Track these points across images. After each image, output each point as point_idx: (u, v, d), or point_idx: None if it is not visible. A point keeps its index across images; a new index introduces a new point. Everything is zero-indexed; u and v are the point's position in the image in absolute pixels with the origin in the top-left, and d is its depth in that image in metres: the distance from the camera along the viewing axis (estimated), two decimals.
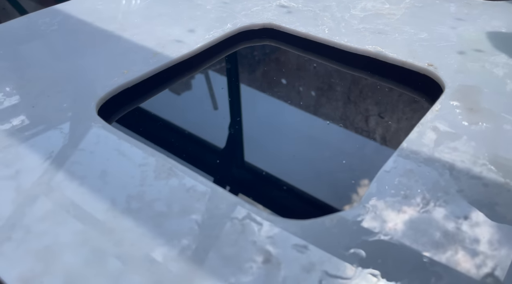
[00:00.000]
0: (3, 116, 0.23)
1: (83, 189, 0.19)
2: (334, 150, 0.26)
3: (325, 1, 0.36)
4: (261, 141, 0.27)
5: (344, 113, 0.28)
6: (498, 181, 0.19)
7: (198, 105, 0.30)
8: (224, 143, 0.26)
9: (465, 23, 0.32)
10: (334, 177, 0.23)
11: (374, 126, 0.26)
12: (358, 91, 0.30)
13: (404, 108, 0.27)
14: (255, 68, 0.34)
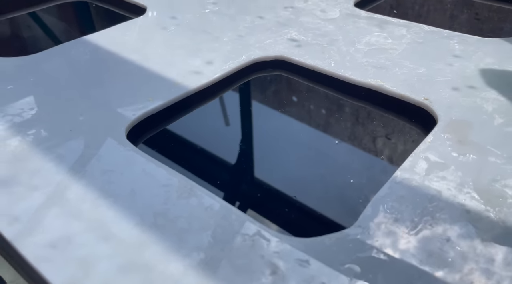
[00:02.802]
0: (43, 137, 0.27)
1: (116, 206, 0.22)
2: (333, 175, 0.28)
3: (332, 35, 0.39)
4: (270, 158, 0.29)
5: (343, 141, 0.31)
6: (479, 208, 0.22)
7: (214, 128, 0.33)
8: (237, 162, 0.29)
9: (461, 59, 0.35)
10: (334, 200, 0.26)
11: (370, 155, 0.29)
12: (359, 120, 0.32)
13: (400, 138, 0.30)
14: (267, 95, 0.37)
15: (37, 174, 0.24)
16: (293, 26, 0.41)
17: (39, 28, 0.48)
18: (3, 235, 0.20)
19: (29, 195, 0.22)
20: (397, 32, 0.39)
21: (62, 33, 0.49)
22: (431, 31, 0.39)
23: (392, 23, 0.41)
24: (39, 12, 0.49)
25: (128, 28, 0.40)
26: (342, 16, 0.43)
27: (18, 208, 0.22)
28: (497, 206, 0.22)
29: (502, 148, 0.25)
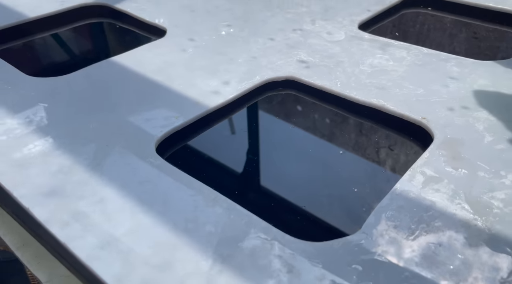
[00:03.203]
0: (83, 152, 0.30)
1: (152, 212, 0.25)
2: (340, 186, 0.32)
3: (338, 57, 0.43)
4: (283, 169, 0.33)
5: (348, 155, 0.34)
6: (468, 217, 0.25)
7: (232, 142, 0.36)
8: (252, 172, 0.33)
9: (457, 81, 0.38)
10: (340, 209, 0.29)
11: (373, 168, 0.32)
12: (363, 136, 0.36)
13: (400, 153, 0.33)
14: (278, 112, 0.40)
15: (81, 185, 0.27)
16: (302, 48, 0.45)
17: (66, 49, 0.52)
18: (56, 237, 0.24)
19: (77, 204, 0.26)
20: (398, 54, 0.43)
21: (89, 53, 0.52)
22: (429, 54, 0.43)
23: (393, 45, 0.44)
24: (65, 32, 0.52)
25: (150, 49, 0.44)
26: (347, 38, 0.46)
27: (68, 214, 0.25)
28: (484, 216, 0.25)
29: (490, 164, 0.29)
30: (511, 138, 0.31)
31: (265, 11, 0.53)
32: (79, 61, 0.51)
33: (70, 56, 0.52)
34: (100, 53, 0.52)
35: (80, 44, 0.54)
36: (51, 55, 0.52)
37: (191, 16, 0.51)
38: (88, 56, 0.52)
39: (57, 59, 0.52)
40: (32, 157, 0.29)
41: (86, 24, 0.53)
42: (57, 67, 0.51)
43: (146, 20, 0.50)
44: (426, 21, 0.57)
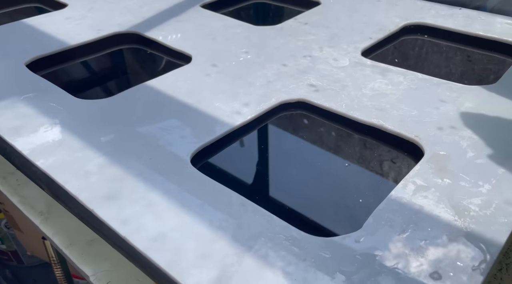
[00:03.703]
0: (130, 163, 0.36)
1: (192, 213, 0.31)
2: (343, 193, 0.37)
3: (343, 82, 0.49)
4: (294, 178, 0.39)
5: (350, 166, 0.40)
6: (450, 218, 0.31)
7: (252, 155, 0.42)
8: (268, 180, 0.38)
9: (446, 104, 0.44)
10: (345, 210, 0.35)
11: (372, 178, 0.38)
12: (364, 152, 0.42)
13: (396, 166, 0.39)
14: (291, 130, 0.46)
15: (133, 191, 0.33)
16: (311, 73, 0.51)
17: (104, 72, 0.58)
18: (117, 232, 0.30)
19: (131, 206, 0.32)
20: (396, 79, 0.49)
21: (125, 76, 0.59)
22: (423, 79, 0.49)
23: (392, 71, 0.51)
24: (102, 57, 0.59)
25: (179, 74, 0.50)
26: (351, 64, 0.52)
27: (125, 214, 0.31)
28: (463, 217, 0.31)
29: (470, 175, 0.34)
30: (489, 154, 0.37)
31: (278, 38, 0.59)
32: (117, 83, 0.58)
33: (108, 79, 0.58)
34: (134, 76, 0.59)
35: (115, 68, 0.60)
36: (91, 78, 0.58)
37: (212, 43, 0.58)
38: (124, 79, 0.59)
39: (96, 82, 0.58)
40: (91, 167, 0.35)
41: (120, 49, 0.60)
42: (97, 89, 0.57)
43: (174, 47, 0.57)
44: (424, 46, 0.63)
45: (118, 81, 0.58)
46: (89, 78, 0.59)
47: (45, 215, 0.46)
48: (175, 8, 0.68)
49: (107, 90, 0.57)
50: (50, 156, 0.37)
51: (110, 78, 0.59)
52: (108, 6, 0.68)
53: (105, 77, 0.59)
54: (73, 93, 0.47)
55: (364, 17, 0.64)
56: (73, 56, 0.56)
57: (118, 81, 0.59)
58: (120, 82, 0.58)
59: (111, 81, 0.59)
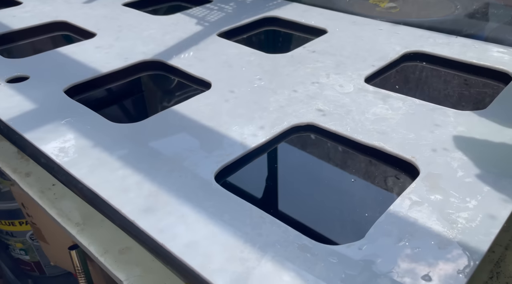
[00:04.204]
0: (165, 180, 0.42)
1: (219, 223, 0.36)
2: (348, 208, 0.43)
3: (348, 107, 0.54)
4: (303, 193, 0.44)
5: (354, 184, 0.45)
6: (440, 229, 0.36)
7: (266, 173, 0.47)
8: (281, 195, 0.44)
9: (440, 128, 0.49)
10: (349, 222, 0.40)
11: (374, 194, 0.43)
12: (366, 171, 0.47)
13: (394, 184, 0.44)
14: (301, 150, 0.51)
15: (167, 204, 0.39)
16: (319, 99, 0.56)
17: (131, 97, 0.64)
18: (156, 240, 0.35)
19: (166, 218, 0.37)
20: (396, 105, 0.54)
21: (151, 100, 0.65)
22: (420, 104, 0.54)
23: (392, 96, 0.56)
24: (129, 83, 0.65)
25: (201, 100, 0.56)
26: (355, 90, 0.58)
27: (161, 224, 0.36)
28: (451, 229, 0.36)
29: (459, 192, 0.39)
30: (476, 173, 0.42)
31: (289, 66, 0.65)
32: (145, 108, 0.64)
33: (135, 104, 0.64)
34: (159, 101, 0.65)
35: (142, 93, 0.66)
36: (120, 103, 0.65)
37: (229, 70, 0.64)
38: (150, 103, 0.65)
39: (125, 106, 0.64)
40: (130, 184, 0.41)
41: (146, 75, 0.66)
42: (127, 113, 0.63)
43: (194, 74, 0.63)
44: (422, 72, 0.69)
45: (145, 106, 0.64)
46: (119, 103, 0.65)
47: (81, 226, 0.52)
48: (194, 36, 0.74)
49: (136, 114, 0.63)
50: (94, 174, 0.42)
51: (137, 103, 0.65)
52: (133, 35, 0.74)
53: (133, 101, 0.65)
54: (106, 117, 0.52)
55: (367, 45, 0.70)
56: (104, 83, 0.62)
57: (145, 105, 0.65)
58: (147, 107, 0.64)
59: (138, 105, 0.65)
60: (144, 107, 0.65)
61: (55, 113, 0.53)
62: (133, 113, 0.64)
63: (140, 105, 0.65)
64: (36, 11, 0.85)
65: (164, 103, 0.62)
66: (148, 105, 0.65)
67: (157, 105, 0.64)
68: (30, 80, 0.60)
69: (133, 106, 0.65)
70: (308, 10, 0.86)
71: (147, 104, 0.65)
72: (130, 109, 0.65)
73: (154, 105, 0.64)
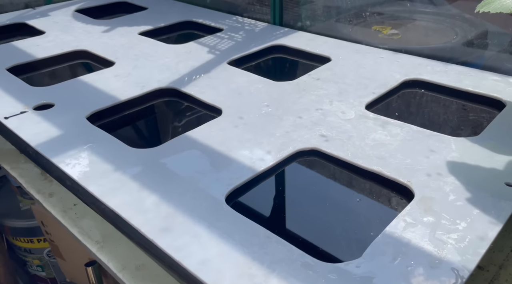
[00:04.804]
0: (181, 202, 0.45)
1: (229, 242, 0.40)
2: (346, 228, 0.46)
3: (349, 133, 0.58)
4: (308, 213, 0.47)
5: (354, 206, 0.49)
6: (431, 249, 0.39)
7: (273, 195, 0.51)
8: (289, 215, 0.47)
9: (435, 153, 0.53)
10: (348, 242, 0.43)
11: (371, 216, 0.47)
12: (366, 194, 0.50)
13: (390, 206, 0.47)
14: (305, 175, 0.55)
15: (182, 224, 0.42)
16: (323, 125, 0.60)
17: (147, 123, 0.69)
18: (173, 257, 0.39)
19: (182, 237, 0.41)
20: (394, 131, 0.58)
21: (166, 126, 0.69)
22: (417, 131, 0.58)
23: (391, 123, 0.60)
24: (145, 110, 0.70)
25: (212, 126, 0.60)
26: (356, 117, 0.62)
27: (177, 243, 0.40)
28: (442, 249, 0.39)
29: (450, 215, 0.43)
30: (467, 197, 0.45)
31: (294, 93, 0.69)
32: (161, 133, 0.68)
33: (152, 129, 0.69)
34: (174, 126, 0.69)
35: (157, 119, 0.71)
36: (138, 128, 0.69)
37: (238, 98, 0.68)
38: (166, 129, 0.69)
39: (143, 131, 0.69)
40: (148, 205, 0.45)
41: (161, 102, 0.71)
42: (144, 138, 0.68)
43: (206, 101, 0.67)
44: (421, 99, 0.73)
45: (160, 131, 0.69)
46: (136, 128, 0.69)
47: (100, 244, 0.56)
48: (206, 65, 0.79)
49: (152, 139, 0.68)
50: (115, 196, 0.47)
51: (153, 128, 0.70)
52: (149, 64, 0.80)
53: (149, 127, 0.70)
54: (124, 141, 0.57)
55: (368, 73, 0.74)
56: (123, 109, 0.67)
57: (160, 130, 0.69)
58: (162, 132, 0.69)
59: (154, 130, 0.69)
60: (160, 132, 0.69)
61: (78, 139, 0.57)
62: (149, 137, 0.69)
63: (155, 130, 0.69)
64: (58, 40, 0.92)
65: (178, 128, 0.67)
66: (163, 130, 0.69)
67: (171, 130, 0.68)
68: (55, 108, 0.65)
69: (150, 131, 0.70)
70: (313, 38, 0.91)
71: (162, 129, 0.69)
72: (146, 134, 0.69)
73: (168, 130, 0.69)
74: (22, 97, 0.68)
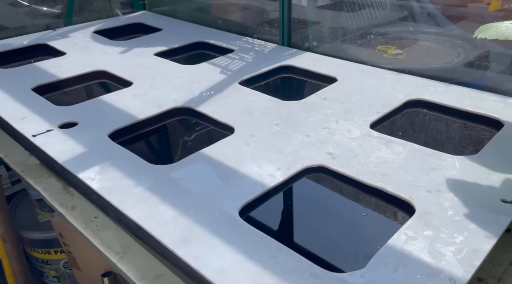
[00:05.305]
0: (197, 215, 0.49)
1: (244, 253, 0.44)
2: (352, 241, 0.49)
3: (355, 151, 0.62)
4: (315, 226, 0.51)
5: (359, 220, 0.52)
6: (430, 261, 0.42)
7: (282, 208, 0.55)
8: (299, 229, 0.51)
9: (435, 171, 0.56)
10: (353, 253, 0.47)
11: (375, 230, 0.50)
12: (370, 209, 0.54)
13: (393, 220, 0.51)
14: (313, 190, 0.59)
15: (199, 236, 0.46)
16: (329, 143, 0.64)
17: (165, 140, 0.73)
18: (192, 266, 0.42)
19: (199, 248, 0.45)
20: (397, 149, 0.61)
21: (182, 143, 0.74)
22: (419, 149, 0.61)
23: (394, 142, 0.63)
24: (162, 128, 0.75)
25: (225, 144, 0.64)
26: (361, 135, 0.65)
27: (196, 253, 0.44)
28: (440, 261, 0.42)
29: (449, 229, 0.46)
30: (465, 212, 0.48)
31: (302, 112, 0.73)
32: (176, 150, 0.73)
33: (168, 146, 0.73)
34: (189, 143, 0.73)
35: (173, 136, 0.75)
36: (156, 145, 0.74)
37: (250, 116, 0.72)
38: (181, 145, 0.74)
39: (160, 148, 0.73)
40: (168, 218, 0.49)
41: (177, 120, 0.76)
42: (162, 154, 0.72)
43: (219, 120, 0.71)
44: (423, 119, 0.76)
45: (176, 147, 0.73)
46: (154, 145, 0.74)
47: (120, 254, 0.59)
48: (218, 85, 0.84)
49: (168, 155, 0.72)
50: (138, 209, 0.50)
51: (169, 145, 0.74)
52: (165, 84, 0.84)
53: (165, 144, 0.74)
54: (143, 157, 0.61)
55: (373, 93, 0.78)
56: (142, 127, 0.72)
57: (176, 147, 0.73)
58: (178, 148, 0.73)
59: (170, 147, 0.74)
60: (176, 148, 0.73)
61: (102, 156, 0.61)
62: (166, 154, 0.73)
63: (172, 146, 0.74)
64: (78, 61, 0.97)
65: (193, 146, 0.71)
66: (179, 147, 0.73)
67: (186, 147, 0.73)
68: (79, 126, 0.69)
69: (166, 148, 0.74)
70: (320, 59, 0.95)
71: (178, 146, 0.74)
72: (163, 150, 0.74)
73: (184, 147, 0.73)
74: (48, 116, 0.73)
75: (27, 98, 0.79)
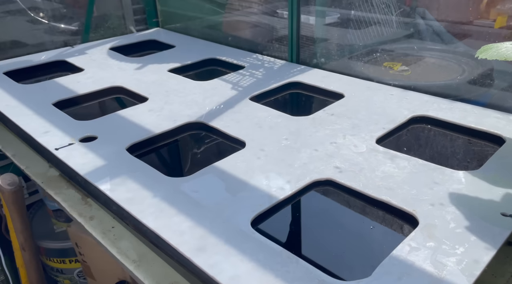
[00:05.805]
0: (211, 226, 0.52)
1: (256, 261, 0.46)
2: (358, 251, 0.52)
3: (361, 165, 0.64)
4: (323, 238, 0.53)
5: (365, 232, 0.55)
6: (432, 271, 0.44)
7: (290, 219, 0.57)
8: (309, 239, 0.53)
9: (438, 185, 0.58)
10: (359, 263, 0.49)
11: (381, 242, 0.52)
12: (376, 222, 0.56)
13: (397, 232, 0.53)
14: (320, 203, 0.61)
15: (214, 245, 0.49)
16: (337, 157, 0.67)
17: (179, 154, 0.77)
18: (207, 273, 0.45)
19: (214, 256, 0.47)
20: (401, 164, 0.64)
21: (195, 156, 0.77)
22: (423, 164, 0.64)
23: (399, 157, 0.66)
24: (177, 142, 0.78)
25: (237, 158, 0.68)
26: (368, 150, 0.68)
27: (211, 261, 0.47)
28: (442, 270, 0.44)
29: (450, 241, 0.48)
30: (466, 225, 0.50)
31: (311, 127, 0.76)
32: (190, 163, 0.76)
33: (182, 160, 0.77)
34: (202, 157, 0.77)
35: (187, 149, 0.79)
36: (171, 158, 0.77)
37: (260, 131, 0.75)
38: (195, 159, 0.77)
39: (174, 161, 0.77)
40: (184, 228, 0.52)
41: (190, 135, 0.79)
42: (175, 167, 0.76)
43: (231, 134, 0.75)
44: (427, 134, 0.79)
45: (190, 160, 0.77)
46: (169, 158, 0.77)
47: (137, 263, 0.62)
48: (230, 100, 0.87)
49: (183, 168, 0.75)
50: (156, 219, 0.54)
51: (184, 158, 0.77)
52: (179, 99, 0.88)
53: (180, 157, 0.78)
54: (159, 170, 0.64)
55: (379, 109, 0.81)
56: (158, 141, 0.75)
57: (190, 160, 0.77)
58: (192, 162, 0.76)
59: (185, 160, 0.77)
60: (189, 161, 0.77)
61: (121, 168, 0.65)
62: (180, 166, 0.76)
63: (185, 159, 0.77)
64: (96, 77, 1.01)
65: (206, 158, 0.74)
66: (192, 160, 0.77)
67: (200, 160, 0.76)
68: (98, 140, 0.73)
69: (180, 161, 0.77)
70: (328, 75, 0.98)
71: (192, 159, 0.77)
72: (178, 163, 0.77)
73: (197, 160, 0.76)
74: (68, 130, 0.76)
75: (48, 113, 0.83)
